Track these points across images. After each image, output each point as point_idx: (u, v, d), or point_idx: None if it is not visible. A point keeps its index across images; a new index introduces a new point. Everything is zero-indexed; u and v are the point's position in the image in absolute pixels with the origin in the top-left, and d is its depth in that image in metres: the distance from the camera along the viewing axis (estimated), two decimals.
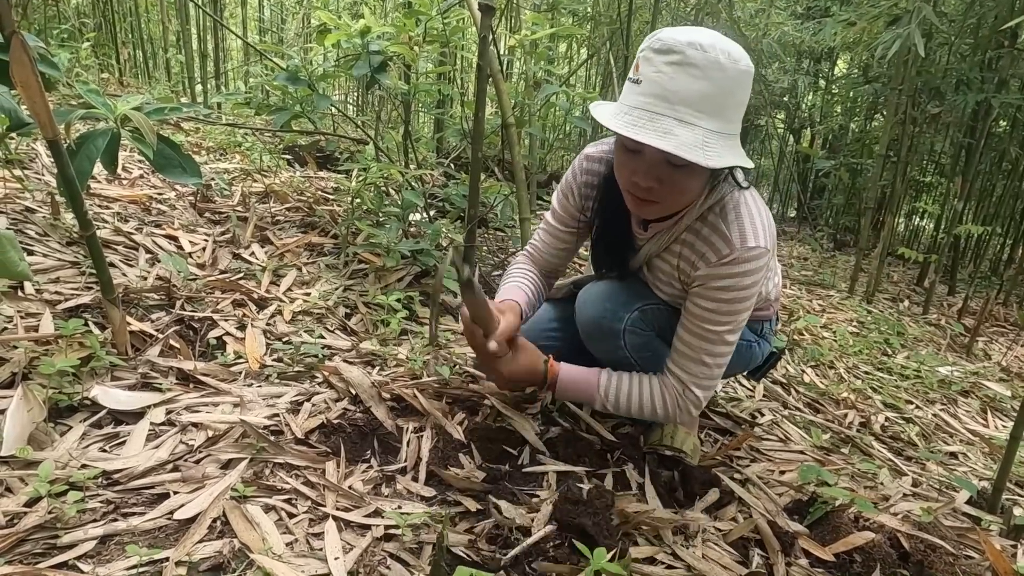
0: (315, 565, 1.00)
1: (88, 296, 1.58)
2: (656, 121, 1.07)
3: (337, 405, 1.45)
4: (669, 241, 1.36)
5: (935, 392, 2.57)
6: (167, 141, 1.35)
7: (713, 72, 1.06)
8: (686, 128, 1.06)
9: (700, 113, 1.07)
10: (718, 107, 1.08)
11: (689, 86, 1.05)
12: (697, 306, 1.30)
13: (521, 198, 2.12)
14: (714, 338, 1.30)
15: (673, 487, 1.45)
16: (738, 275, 1.23)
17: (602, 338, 1.43)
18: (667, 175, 1.15)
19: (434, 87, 2.53)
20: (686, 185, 1.17)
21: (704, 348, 1.31)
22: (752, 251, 1.22)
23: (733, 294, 1.25)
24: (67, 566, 0.91)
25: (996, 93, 3.63)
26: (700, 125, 1.07)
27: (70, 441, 1.15)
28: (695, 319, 1.30)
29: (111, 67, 4.49)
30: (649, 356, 1.44)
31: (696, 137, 1.06)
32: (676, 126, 1.06)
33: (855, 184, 5.95)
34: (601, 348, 1.47)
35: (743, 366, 1.63)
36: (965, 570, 1.32)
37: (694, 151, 1.05)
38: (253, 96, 2.44)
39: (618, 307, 1.41)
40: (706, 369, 1.33)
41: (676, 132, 1.05)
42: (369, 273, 2.19)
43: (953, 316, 3.94)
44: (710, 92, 1.06)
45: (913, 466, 1.86)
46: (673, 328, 1.46)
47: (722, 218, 1.25)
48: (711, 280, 1.26)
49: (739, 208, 1.25)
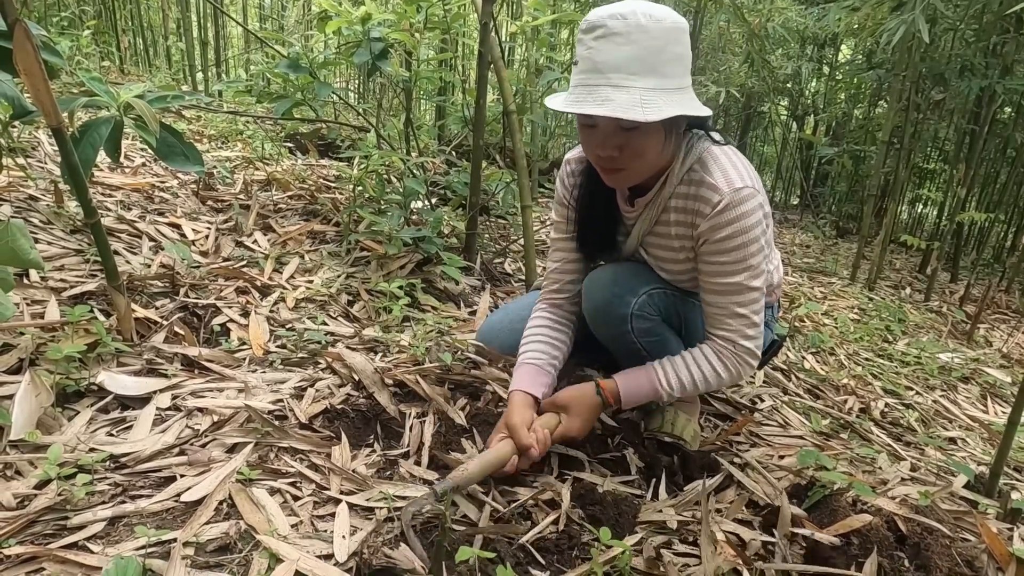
0: (320, 546, 1.02)
1: (93, 283, 1.60)
2: (594, 92, 1.14)
3: (340, 391, 1.47)
4: (659, 211, 1.38)
5: (935, 378, 2.58)
6: (169, 129, 1.35)
7: (636, 35, 1.12)
8: (621, 91, 1.12)
9: (632, 75, 1.13)
10: (650, 66, 1.14)
11: (616, 53, 1.12)
12: (710, 263, 1.32)
13: (523, 185, 2.12)
14: (738, 288, 1.31)
15: (673, 471, 1.46)
16: (737, 218, 1.26)
17: (609, 324, 1.44)
18: (624, 140, 1.21)
19: (435, 74, 2.53)
20: (643, 146, 1.22)
21: (733, 300, 1.32)
22: (741, 192, 1.26)
23: (740, 239, 1.27)
24: (77, 547, 0.93)
25: (1000, 79, 3.61)
26: (635, 86, 1.13)
27: (78, 425, 1.17)
28: (713, 276, 1.32)
29: (112, 55, 4.48)
30: (655, 342, 1.45)
31: (632, 97, 1.12)
32: (612, 92, 1.12)
33: (858, 171, 5.93)
34: (607, 334, 1.47)
35: None
36: (961, 552, 1.33)
37: (631, 110, 1.11)
38: (254, 84, 2.44)
39: (625, 292, 1.42)
40: (743, 319, 1.33)
41: (612, 97, 1.12)
42: (371, 261, 2.20)
43: (955, 303, 3.95)
44: (638, 54, 1.12)
45: (912, 451, 1.87)
46: (679, 313, 1.48)
47: (704, 171, 1.30)
48: (714, 232, 1.28)
49: (717, 160, 1.30)
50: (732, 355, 1.36)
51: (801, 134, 6.60)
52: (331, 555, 1.01)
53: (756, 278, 1.31)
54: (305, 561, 0.97)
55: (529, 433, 1.25)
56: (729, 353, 1.36)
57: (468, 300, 2.21)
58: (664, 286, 1.46)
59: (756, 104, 6.72)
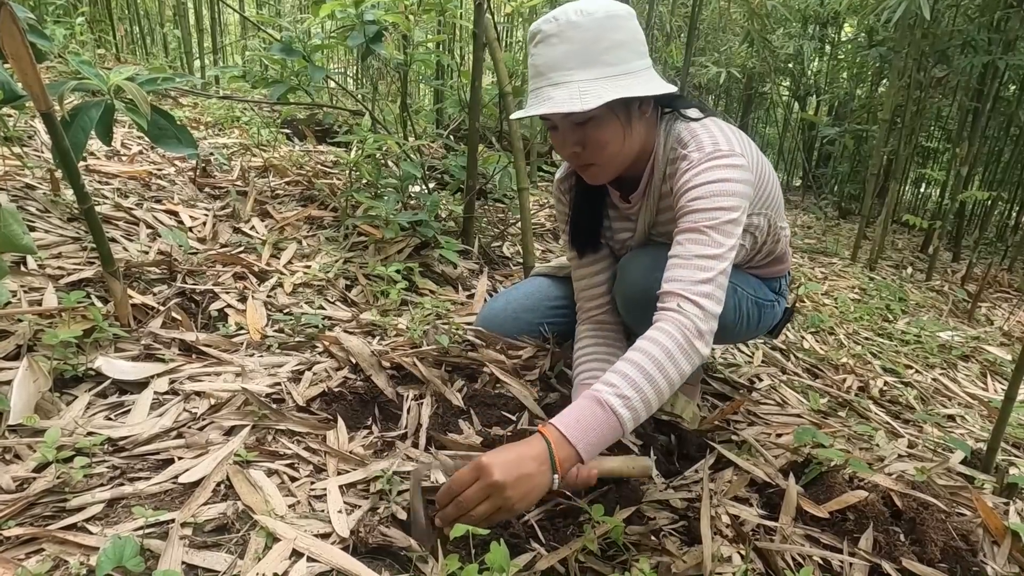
0: (317, 525, 1.03)
1: (90, 270, 1.60)
2: (539, 95, 1.18)
3: (338, 374, 1.47)
4: (656, 198, 1.38)
5: (935, 357, 2.58)
6: (161, 112, 1.35)
7: (568, 32, 1.15)
8: (560, 88, 1.15)
9: (569, 70, 1.16)
10: (587, 58, 1.16)
11: (551, 53, 1.16)
12: (680, 216, 1.21)
13: (519, 168, 2.11)
14: (698, 236, 1.16)
15: (670, 451, 1.47)
16: (707, 171, 1.19)
17: (646, 307, 1.32)
18: (582, 136, 1.23)
19: (431, 57, 2.51)
20: (600, 137, 1.23)
21: (694, 252, 1.15)
22: (715, 153, 1.21)
23: (708, 187, 1.18)
24: (76, 528, 0.94)
25: (1003, 55, 3.57)
26: (573, 80, 1.15)
27: (76, 410, 1.17)
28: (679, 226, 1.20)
29: (108, 43, 4.46)
30: None
31: (571, 91, 1.14)
32: (551, 90, 1.16)
33: (860, 151, 5.89)
34: (641, 317, 1.38)
35: (766, 327, 1.65)
36: (957, 527, 1.34)
37: (569, 103, 1.13)
38: (249, 69, 2.43)
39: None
40: (695, 273, 1.12)
41: (551, 95, 1.15)
42: (369, 245, 2.20)
43: (956, 282, 3.94)
44: (572, 49, 1.15)
45: (910, 429, 1.88)
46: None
47: (682, 146, 1.29)
48: (685, 186, 1.21)
49: (696, 132, 1.27)
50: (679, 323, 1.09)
51: (803, 114, 6.55)
52: (328, 534, 1.02)
53: (722, 233, 1.15)
54: (302, 540, 0.98)
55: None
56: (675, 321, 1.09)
57: (466, 283, 2.21)
58: None
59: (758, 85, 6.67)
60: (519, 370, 1.59)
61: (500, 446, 1.01)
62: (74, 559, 0.88)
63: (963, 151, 3.84)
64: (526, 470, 0.95)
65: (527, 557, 1.03)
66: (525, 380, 1.56)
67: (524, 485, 0.95)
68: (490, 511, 0.94)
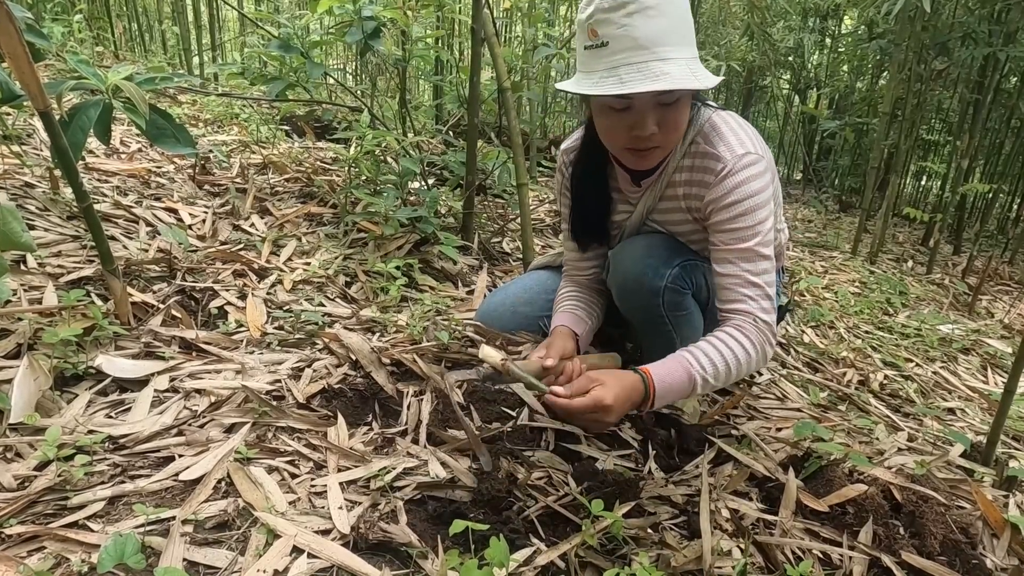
0: (318, 522, 1.03)
1: (90, 269, 1.60)
2: (643, 69, 1.10)
3: (338, 371, 1.48)
4: (663, 186, 1.38)
5: (935, 350, 2.58)
6: (159, 111, 1.35)
7: (665, 6, 1.11)
8: (671, 64, 1.10)
9: (675, 46, 1.12)
10: (683, 35, 1.14)
11: (652, 26, 1.10)
12: (720, 230, 1.29)
13: (518, 164, 2.11)
14: (750, 255, 1.26)
15: (670, 445, 1.47)
16: (742, 183, 1.25)
17: (641, 295, 1.42)
18: (662, 117, 1.18)
19: (430, 53, 2.51)
20: (680, 119, 1.21)
21: (747, 269, 1.26)
22: (745, 158, 1.25)
23: (746, 203, 1.25)
24: (77, 526, 0.94)
25: (1004, 47, 3.55)
26: (679, 57, 1.12)
27: (76, 408, 1.18)
28: (724, 245, 1.28)
29: (106, 40, 4.45)
30: (683, 316, 1.45)
31: (682, 68, 1.11)
32: (663, 65, 1.10)
33: (860, 144, 5.88)
34: (636, 306, 1.46)
35: None
36: (956, 520, 1.34)
37: (689, 80, 1.10)
38: (248, 66, 2.42)
39: (660, 263, 1.40)
40: (758, 289, 1.27)
41: (666, 70, 1.09)
42: (368, 242, 2.20)
43: (957, 275, 3.93)
44: (673, 24, 1.11)
45: (910, 422, 1.88)
46: (707, 286, 1.48)
47: (707, 142, 1.29)
48: (721, 199, 1.27)
49: (719, 128, 1.30)
50: (755, 331, 1.26)
51: (803, 108, 6.53)
52: (329, 530, 1.02)
53: (766, 246, 1.27)
54: (303, 536, 0.98)
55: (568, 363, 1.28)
56: (751, 328, 1.26)
57: (466, 279, 2.21)
58: (694, 257, 1.45)
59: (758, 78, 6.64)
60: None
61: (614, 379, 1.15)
62: (75, 557, 0.88)
63: (964, 144, 3.83)
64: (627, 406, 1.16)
65: (527, 552, 1.03)
66: None
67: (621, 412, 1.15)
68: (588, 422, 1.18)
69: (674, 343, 1.47)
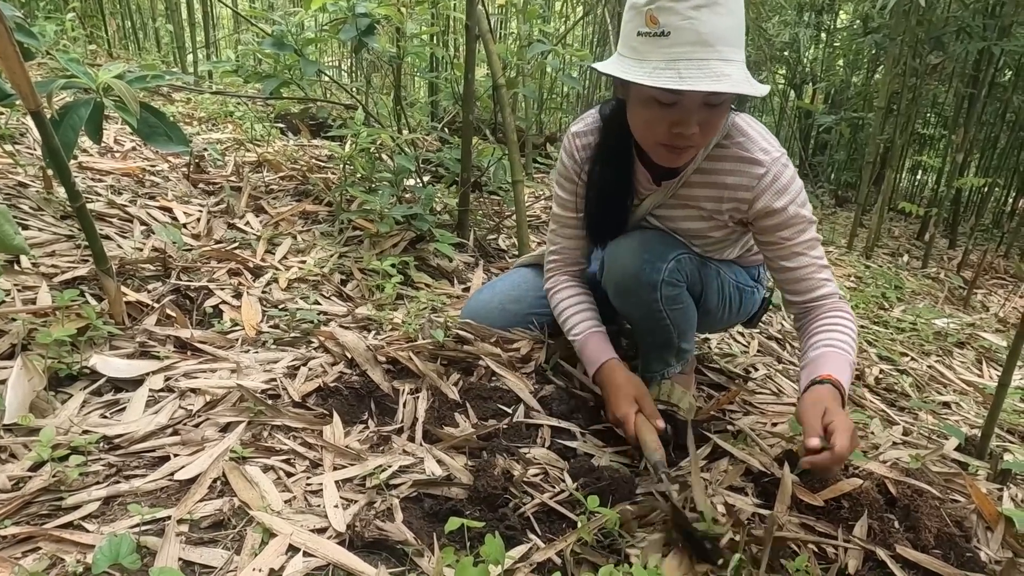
0: (313, 520, 1.03)
1: (84, 268, 1.60)
2: (704, 67, 1.06)
3: (334, 369, 1.48)
4: (677, 185, 1.38)
5: (931, 344, 2.58)
6: (151, 109, 1.34)
7: (732, 4, 1.07)
8: (732, 66, 1.08)
9: (735, 48, 1.09)
10: (740, 37, 1.11)
11: (720, 23, 1.06)
12: (781, 228, 1.32)
13: (513, 160, 2.11)
14: (813, 243, 1.34)
15: (667, 440, 1.47)
16: (787, 184, 1.29)
17: (638, 291, 1.40)
18: (705, 117, 1.15)
19: (425, 49, 2.50)
20: (720, 121, 1.20)
21: (815, 256, 1.35)
22: (780, 158, 1.29)
23: (799, 199, 1.31)
24: (72, 526, 0.94)
25: (998, 40, 3.56)
26: (738, 59, 1.09)
27: (71, 408, 1.18)
28: (789, 241, 1.33)
29: (100, 39, 4.43)
30: (679, 310, 1.44)
31: (741, 72, 1.09)
32: (724, 66, 1.07)
33: (856, 139, 5.88)
34: (633, 302, 1.44)
35: (746, 313, 1.66)
36: (951, 513, 1.35)
37: (746, 85, 1.08)
38: (242, 64, 2.41)
39: (655, 258, 1.39)
40: (828, 270, 1.37)
41: (727, 72, 1.06)
42: (364, 240, 2.19)
43: (952, 269, 3.94)
44: (736, 24, 1.08)
45: (905, 416, 1.89)
46: (702, 279, 1.47)
47: (736, 146, 1.30)
48: (771, 203, 1.29)
49: (745, 131, 1.31)
50: (847, 306, 1.36)
51: (799, 103, 6.54)
52: (325, 529, 1.02)
53: (816, 231, 1.36)
54: (298, 535, 0.98)
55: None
56: (845, 305, 1.36)
57: (462, 277, 2.21)
58: (688, 250, 1.44)
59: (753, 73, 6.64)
60: (515, 363, 1.59)
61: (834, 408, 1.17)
62: (70, 557, 0.88)
63: (959, 138, 3.84)
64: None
65: (523, 549, 1.03)
66: (521, 373, 1.56)
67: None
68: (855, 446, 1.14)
69: (672, 337, 1.47)
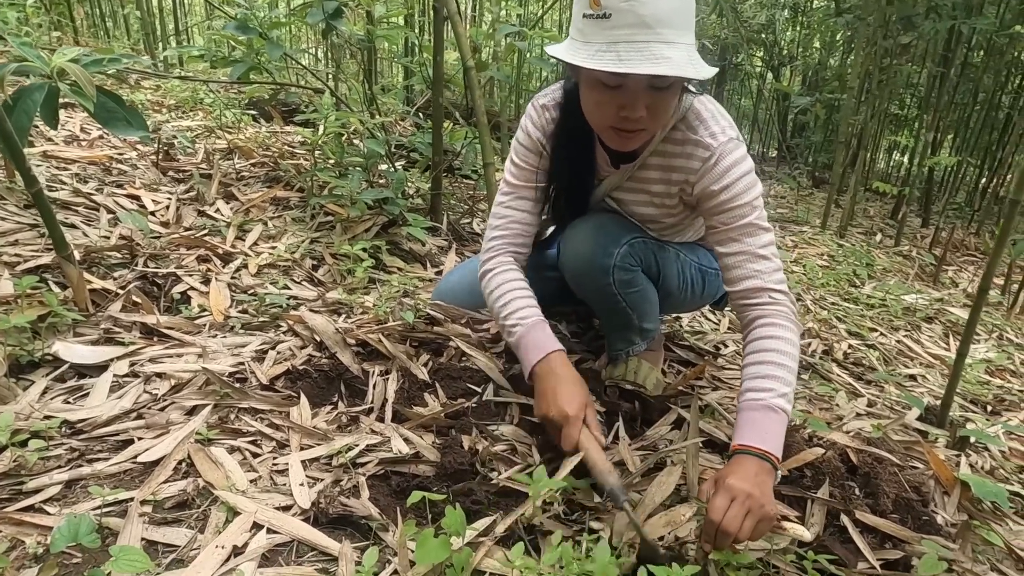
0: (278, 499, 1.04)
1: (47, 257, 1.58)
2: (644, 50, 1.05)
3: (302, 352, 1.48)
4: (634, 168, 1.37)
5: (900, 319, 2.63)
6: (109, 94, 1.32)
7: None
8: (674, 48, 1.05)
9: (679, 30, 1.07)
10: (687, 20, 1.09)
11: (663, 6, 1.04)
12: (718, 212, 1.28)
13: (484, 143, 2.11)
14: (751, 229, 1.26)
15: (634, 416, 1.50)
16: (731, 165, 1.25)
17: (591, 275, 1.42)
18: (652, 100, 1.14)
19: (395, 33, 2.48)
20: (669, 104, 1.18)
21: (751, 243, 1.26)
22: (727, 143, 1.26)
23: (741, 184, 1.25)
24: (33, 509, 0.94)
25: (967, 19, 3.60)
26: (682, 41, 1.07)
27: (32, 395, 1.17)
28: (725, 225, 1.27)
29: (67, 26, 4.33)
30: (636, 293, 1.45)
31: (683, 54, 1.06)
32: (665, 49, 1.05)
33: (831, 120, 5.93)
34: (588, 287, 1.45)
35: (712, 295, 1.67)
36: (910, 479, 1.38)
37: (687, 68, 1.05)
38: (208, 50, 2.38)
39: (608, 242, 1.39)
40: (766, 262, 1.25)
41: (667, 55, 1.04)
42: (336, 225, 2.19)
43: (924, 247, 4.00)
44: (680, 6, 1.06)
45: (872, 389, 1.93)
46: (657, 262, 1.47)
47: (690, 129, 1.28)
48: (713, 183, 1.26)
49: (700, 114, 1.29)
50: (776, 310, 1.23)
51: (776, 85, 6.57)
52: (289, 506, 1.03)
53: (764, 219, 1.28)
54: (263, 513, 0.99)
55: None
56: (773, 310, 1.23)
57: (435, 260, 2.21)
58: (643, 234, 1.44)
59: (732, 56, 6.66)
60: (484, 343, 1.60)
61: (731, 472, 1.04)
62: (30, 540, 0.88)
63: (930, 117, 3.89)
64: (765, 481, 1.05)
65: (487, 521, 1.05)
66: (491, 352, 1.57)
67: (769, 491, 1.04)
68: (753, 523, 0.99)
69: (631, 320, 1.49)
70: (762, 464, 1.06)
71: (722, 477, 1.04)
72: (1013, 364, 2.44)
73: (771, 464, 1.07)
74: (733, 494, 1.00)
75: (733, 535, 0.97)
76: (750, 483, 1.01)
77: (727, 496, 1.00)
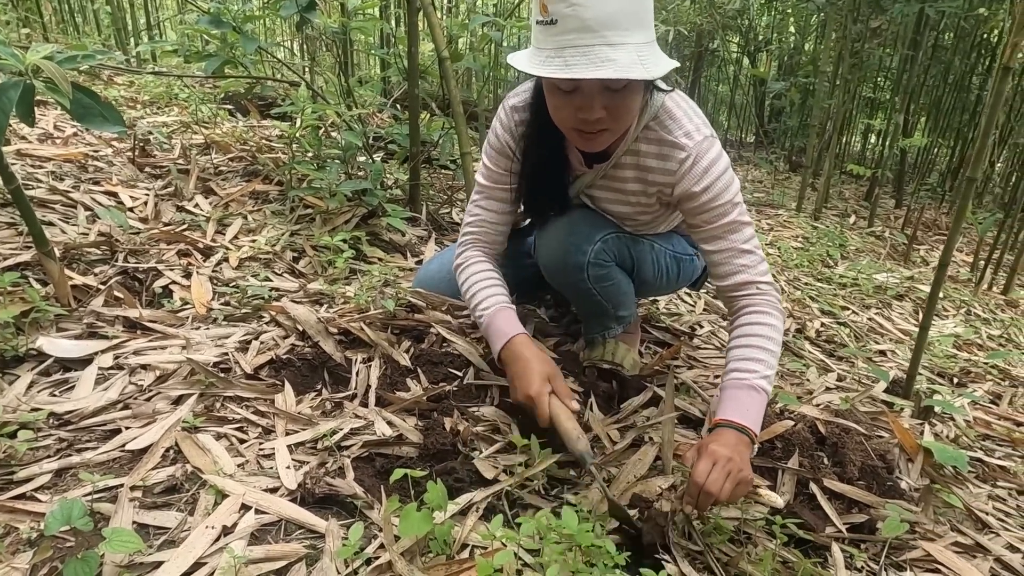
0: (266, 481, 1.07)
1: (28, 254, 1.59)
2: (588, 54, 1.05)
3: (285, 342, 1.50)
4: (608, 167, 1.39)
5: (871, 298, 2.70)
6: (84, 90, 1.33)
7: None
8: (619, 50, 1.05)
9: (626, 31, 1.06)
10: (638, 18, 1.09)
11: (606, 9, 1.04)
12: (700, 212, 1.31)
13: (460, 133, 2.13)
14: (734, 226, 1.30)
15: (611, 395, 1.54)
16: (709, 165, 1.28)
17: (566, 273, 1.46)
18: (610, 101, 1.14)
19: (370, 24, 2.49)
20: (630, 104, 1.18)
21: (735, 239, 1.30)
22: (702, 142, 1.28)
23: (720, 183, 1.28)
24: (25, 497, 0.97)
25: (933, 2, 3.66)
26: (630, 42, 1.07)
27: (18, 389, 1.19)
28: (708, 224, 1.31)
29: (35, 23, 4.27)
30: (610, 286, 1.49)
31: (631, 55, 1.06)
32: (609, 51, 1.05)
33: (806, 105, 6.00)
34: (564, 282, 1.50)
35: (687, 279, 1.71)
36: (875, 448, 1.44)
37: (634, 69, 1.05)
38: (182, 45, 2.37)
39: (582, 240, 1.42)
40: (751, 256, 1.30)
41: (612, 57, 1.05)
42: (315, 217, 2.20)
43: (897, 227, 4.09)
44: (625, 7, 1.06)
45: (843, 364, 1.99)
46: (632, 255, 1.50)
47: (663, 129, 1.30)
48: (693, 185, 1.28)
49: (673, 113, 1.30)
50: (763, 300, 1.29)
51: (752, 71, 6.63)
52: (277, 488, 1.06)
53: (745, 214, 1.32)
54: (251, 494, 1.02)
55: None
56: (760, 300, 1.29)
57: (415, 250, 2.24)
58: (616, 230, 1.47)
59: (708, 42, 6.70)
60: (465, 329, 1.64)
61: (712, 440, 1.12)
62: (24, 525, 0.91)
63: (901, 100, 3.96)
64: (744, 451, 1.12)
65: (468, 497, 1.09)
66: (471, 338, 1.61)
67: (747, 460, 1.11)
68: (732, 485, 1.05)
69: (607, 310, 1.53)
70: (741, 436, 1.13)
71: (705, 444, 1.11)
72: (980, 338, 2.52)
73: (749, 438, 1.14)
74: (715, 458, 1.07)
75: (715, 496, 1.03)
76: (730, 449, 1.09)
77: (709, 460, 1.07)
